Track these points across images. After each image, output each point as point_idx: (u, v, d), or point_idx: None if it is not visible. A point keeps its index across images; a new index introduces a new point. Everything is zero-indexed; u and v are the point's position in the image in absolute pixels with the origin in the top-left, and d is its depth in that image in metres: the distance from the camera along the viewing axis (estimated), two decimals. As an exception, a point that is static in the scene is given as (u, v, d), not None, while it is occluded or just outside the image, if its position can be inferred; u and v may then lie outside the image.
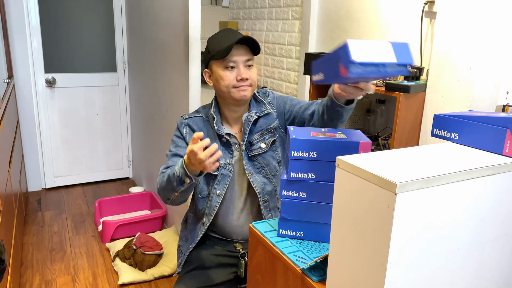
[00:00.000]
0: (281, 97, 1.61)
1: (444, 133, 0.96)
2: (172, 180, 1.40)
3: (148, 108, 3.26)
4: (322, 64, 0.97)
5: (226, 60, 1.45)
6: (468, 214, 0.82)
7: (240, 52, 1.46)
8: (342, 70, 0.82)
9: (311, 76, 1.05)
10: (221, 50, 1.44)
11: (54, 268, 2.56)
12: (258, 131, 1.55)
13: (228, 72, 1.47)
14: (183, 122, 1.60)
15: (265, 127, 1.55)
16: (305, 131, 1.17)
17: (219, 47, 1.45)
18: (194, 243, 1.59)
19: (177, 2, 2.37)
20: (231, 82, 1.47)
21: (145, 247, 2.48)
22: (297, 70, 3.06)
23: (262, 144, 1.54)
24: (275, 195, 1.57)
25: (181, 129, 1.59)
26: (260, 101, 1.58)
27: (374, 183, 0.75)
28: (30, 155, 3.61)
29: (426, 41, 2.03)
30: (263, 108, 1.56)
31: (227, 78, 1.47)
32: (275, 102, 1.59)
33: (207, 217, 1.58)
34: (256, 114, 1.54)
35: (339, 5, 2.57)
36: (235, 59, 1.46)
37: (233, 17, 3.92)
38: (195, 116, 1.61)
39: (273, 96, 1.61)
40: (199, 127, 1.58)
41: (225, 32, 1.49)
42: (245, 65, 1.48)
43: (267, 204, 1.55)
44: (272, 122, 1.56)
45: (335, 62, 0.85)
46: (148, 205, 3.29)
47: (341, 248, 0.86)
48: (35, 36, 3.43)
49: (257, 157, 1.55)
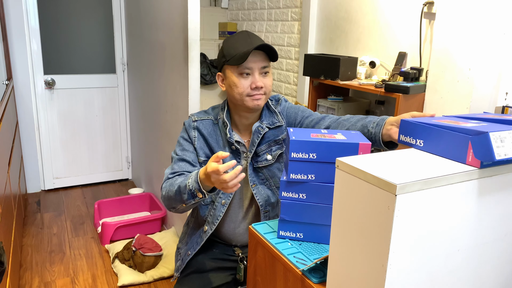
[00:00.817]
0: (293, 107, 1.55)
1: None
2: (183, 192, 1.34)
3: (147, 109, 3.26)
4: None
5: (242, 66, 1.38)
6: (468, 215, 0.82)
7: (257, 59, 1.39)
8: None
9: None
10: (237, 56, 1.37)
11: (53, 270, 2.56)
12: (265, 142, 1.50)
13: (242, 79, 1.40)
14: (192, 124, 1.52)
15: (273, 138, 1.50)
16: (305, 132, 1.17)
17: (235, 52, 1.38)
18: (194, 250, 1.56)
19: (176, 3, 2.38)
20: (245, 90, 1.40)
21: (145, 249, 2.47)
22: (296, 71, 3.06)
23: (269, 156, 1.49)
24: (277, 205, 1.53)
25: (190, 132, 1.51)
26: (273, 111, 1.52)
27: (374, 184, 0.75)
28: (29, 156, 3.61)
29: (426, 42, 2.03)
30: (275, 119, 1.50)
31: (241, 85, 1.40)
32: (285, 112, 1.54)
33: (209, 225, 1.53)
34: (268, 126, 1.48)
35: (338, 6, 2.57)
36: (250, 65, 1.38)
37: (232, 18, 3.92)
38: (205, 118, 1.53)
39: (285, 105, 1.55)
40: (208, 132, 1.51)
41: (242, 36, 1.42)
42: (260, 72, 1.40)
43: (267, 214, 1.52)
44: (280, 134, 1.51)
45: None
46: (148, 206, 3.29)
47: (341, 250, 0.86)
48: (34, 38, 3.43)
49: (263, 168, 1.51)
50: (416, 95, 1.94)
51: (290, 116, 1.53)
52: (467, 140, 0.82)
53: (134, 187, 3.78)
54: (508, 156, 0.79)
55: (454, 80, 1.82)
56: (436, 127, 0.89)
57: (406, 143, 0.97)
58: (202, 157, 1.50)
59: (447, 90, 1.86)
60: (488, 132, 0.78)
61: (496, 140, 0.79)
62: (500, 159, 0.78)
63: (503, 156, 0.79)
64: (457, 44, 1.79)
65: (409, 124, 0.95)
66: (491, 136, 0.78)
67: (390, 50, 2.24)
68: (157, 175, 3.12)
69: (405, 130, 0.97)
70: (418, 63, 2.06)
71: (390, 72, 2.22)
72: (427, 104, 1.96)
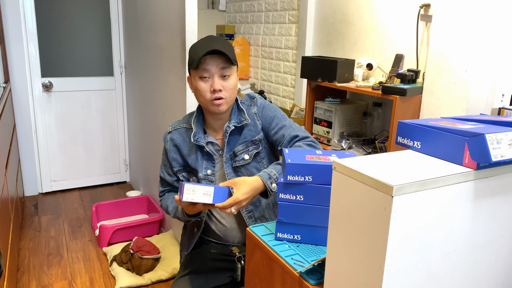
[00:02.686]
0: (270, 110, 1.55)
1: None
2: (178, 216, 1.53)
3: (145, 112, 3.26)
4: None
5: (200, 69, 1.42)
6: (465, 216, 0.83)
7: (214, 62, 1.42)
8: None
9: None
10: (196, 59, 1.41)
11: (51, 273, 2.55)
12: (242, 142, 1.53)
13: (202, 83, 1.44)
14: (166, 137, 1.60)
15: (250, 138, 1.53)
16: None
17: (195, 56, 1.42)
18: (187, 251, 1.62)
19: (174, 6, 2.38)
20: (207, 94, 1.44)
21: (143, 251, 2.47)
22: (294, 74, 3.07)
23: (246, 155, 1.53)
24: (259, 205, 1.55)
25: (165, 145, 1.61)
26: (241, 109, 1.53)
27: (371, 186, 0.75)
28: (27, 159, 3.60)
29: (422, 44, 2.04)
30: (242, 118, 1.52)
31: (202, 89, 1.44)
32: (261, 113, 1.54)
33: (197, 226, 1.60)
34: (234, 124, 1.51)
35: (335, 8, 2.58)
36: (208, 68, 1.42)
37: (230, 21, 3.93)
38: (179, 127, 1.60)
39: (261, 105, 1.56)
40: (183, 138, 1.57)
41: (204, 40, 1.45)
42: (220, 74, 1.44)
43: (251, 214, 1.54)
44: (256, 134, 1.53)
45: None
46: (145, 209, 3.29)
47: (338, 251, 0.86)
48: (31, 40, 3.43)
49: (241, 168, 1.54)
50: (413, 97, 1.95)
51: (266, 118, 1.54)
52: (463, 141, 0.83)
53: (132, 189, 3.77)
54: (504, 158, 0.80)
55: (451, 82, 1.83)
56: (433, 128, 0.89)
57: (404, 144, 0.97)
58: (176, 167, 1.59)
59: (444, 92, 1.87)
60: (485, 133, 0.79)
61: (493, 141, 0.79)
62: (496, 160, 0.79)
63: (500, 158, 0.79)
64: (453, 46, 1.80)
65: (407, 126, 0.96)
66: (487, 137, 0.79)
67: (387, 52, 2.25)
68: (155, 177, 3.12)
69: (403, 132, 0.97)
70: (415, 65, 2.07)
71: (387, 74, 2.23)
72: (424, 106, 1.97)
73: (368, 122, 2.40)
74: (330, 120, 2.34)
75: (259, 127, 1.53)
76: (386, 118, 2.31)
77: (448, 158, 0.86)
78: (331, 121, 2.33)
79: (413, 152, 0.93)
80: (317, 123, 2.44)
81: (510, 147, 0.81)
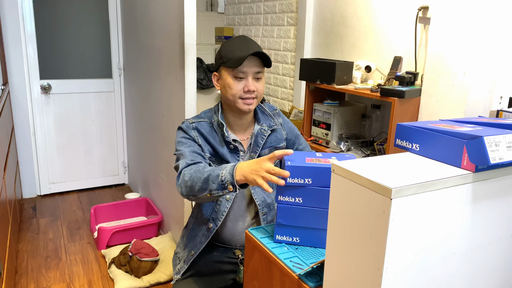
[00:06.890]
0: (292, 127, 1.68)
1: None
2: (213, 181, 1.30)
3: (144, 114, 3.26)
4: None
5: (237, 70, 1.45)
6: (464, 219, 0.83)
7: (252, 64, 1.46)
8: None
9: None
10: (233, 60, 1.44)
11: (49, 276, 2.54)
12: (268, 147, 1.58)
13: (236, 82, 1.47)
14: (190, 126, 1.55)
15: (275, 144, 1.60)
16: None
17: (231, 55, 1.45)
18: (198, 250, 1.56)
19: (172, 8, 2.38)
20: (238, 92, 1.47)
21: (141, 254, 2.46)
22: (292, 76, 3.07)
23: None
24: (273, 208, 1.57)
25: (190, 133, 1.53)
26: (268, 114, 1.62)
27: (370, 188, 0.75)
28: (25, 161, 3.59)
29: (421, 47, 2.04)
30: (272, 122, 1.61)
31: (234, 87, 1.47)
32: (287, 125, 1.66)
33: (214, 222, 1.54)
34: (268, 128, 1.59)
35: (334, 11, 2.59)
36: (245, 70, 1.46)
37: (229, 23, 3.94)
38: (201, 121, 1.58)
39: (284, 118, 1.67)
40: (207, 132, 1.55)
41: (240, 40, 1.49)
42: (254, 77, 1.48)
43: (265, 217, 1.55)
44: (281, 142, 1.61)
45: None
46: (144, 211, 3.28)
47: (337, 254, 0.86)
48: (30, 42, 3.43)
49: None
50: (411, 99, 1.95)
51: (290, 132, 1.67)
52: (462, 144, 0.83)
53: (130, 192, 3.77)
54: (502, 160, 0.80)
55: (449, 84, 1.83)
56: (432, 131, 0.89)
57: (402, 147, 0.97)
58: (208, 154, 1.53)
59: (442, 94, 1.87)
60: (483, 136, 0.79)
61: (491, 144, 0.79)
62: (494, 163, 0.79)
63: (498, 160, 0.79)
64: (452, 49, 1.81)
65: (405, 128, 0.96)
66: (486, 140, 0.79)
67: (385, 55, 2.26)
68: (154, 179, 3.12)
69: (401, 134, 0.97)
70: (414, 68, 2.07)
71: (385, 76, 2.23)
72: (422, 108, 1.97)
73: (367, 124, 2.40)
74: (328, 122, 2.34)
75: (284, 136, 1.63)
76: (384, 120, 2.32)
77: (447, 160, 0.86)
78: (329, 123, 2.34)
79: (411, 155, 0.93)
80: (315, 125, 2.44)
81: (508, 149, 0.81)
